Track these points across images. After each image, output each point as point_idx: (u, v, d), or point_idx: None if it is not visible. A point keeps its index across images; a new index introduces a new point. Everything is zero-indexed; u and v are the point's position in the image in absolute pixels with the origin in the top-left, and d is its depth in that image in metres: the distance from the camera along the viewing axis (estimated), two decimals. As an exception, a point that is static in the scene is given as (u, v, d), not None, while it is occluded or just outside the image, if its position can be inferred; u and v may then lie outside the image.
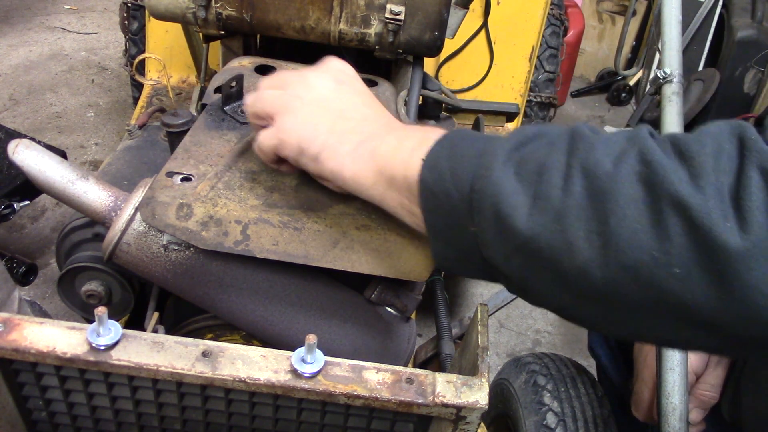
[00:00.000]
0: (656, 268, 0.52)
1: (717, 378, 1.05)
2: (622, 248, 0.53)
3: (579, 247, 0.55)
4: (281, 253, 0.80)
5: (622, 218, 0.53)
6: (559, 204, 0.56)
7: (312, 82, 0.79)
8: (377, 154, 0.71)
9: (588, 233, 0.54)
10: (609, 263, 0.54)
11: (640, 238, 0.52)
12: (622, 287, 0.54)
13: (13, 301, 1.04)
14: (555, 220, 0.56)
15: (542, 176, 0.58)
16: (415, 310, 0.91)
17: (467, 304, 2.56)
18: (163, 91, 2.21)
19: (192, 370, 0.65)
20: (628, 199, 0.53)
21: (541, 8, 2.17)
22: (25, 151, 0.83)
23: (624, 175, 0.54)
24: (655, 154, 0.54)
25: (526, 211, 0.57)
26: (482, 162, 0.61)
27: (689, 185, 0.52)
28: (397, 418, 0.73)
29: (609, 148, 0.57)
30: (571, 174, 0.56)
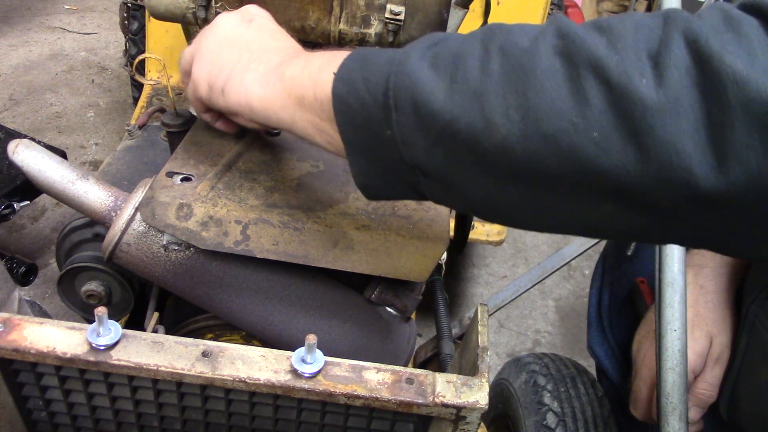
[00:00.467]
0: (575, 134, 0.51)
1: (715, 377, 1.05)
2: (541, 118, 0.52)
3: (498, 123, 0.54)
4: (281, 253, 0.80)
5: (541, 89, 0.52)
6: (477, 84, 0.55)
7: (218, 22, 0.80)
8: (285, 76, 0.70)
9: (506, 109, 0.54)
10: (528, 135, 0.53)
11: (558, 106, 0.52)
12: (542, 160, 0.53)
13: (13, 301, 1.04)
14: (473, 99, 0.55)
15: (458, 63, 0.57)
16: (415, 310, 0.91)
17: (467, 304, 2.56)
18: (163, 91, 2.21)
19: (192, 370, 0.65)
20: (545, 70, 0.53)
21: (541, 8, 2.17)
22: (25, 151, 0.83)
23: (542, 49, 0.54)
24: (572, 27, 0.54)
25: (444, 94, 0.56)
26: (395, 62, 0.60)
27: (606, 48, 0.51)
28: (397, 418, 0.73)
29: (526, 30, 0.57)
30: (489, 56, 0.56)
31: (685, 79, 0.48)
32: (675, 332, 1.03)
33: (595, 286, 1.39)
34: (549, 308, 2.62)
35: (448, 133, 0.56)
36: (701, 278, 1.09)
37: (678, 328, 1.03)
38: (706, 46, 0.48)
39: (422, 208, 0.85)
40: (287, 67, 0.71)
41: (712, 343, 1.05)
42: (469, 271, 2.72)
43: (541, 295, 2.65)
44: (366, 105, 0.61)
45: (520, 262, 2.80)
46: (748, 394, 0.99)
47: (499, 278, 2.70)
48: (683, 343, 1.02)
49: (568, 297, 2.67)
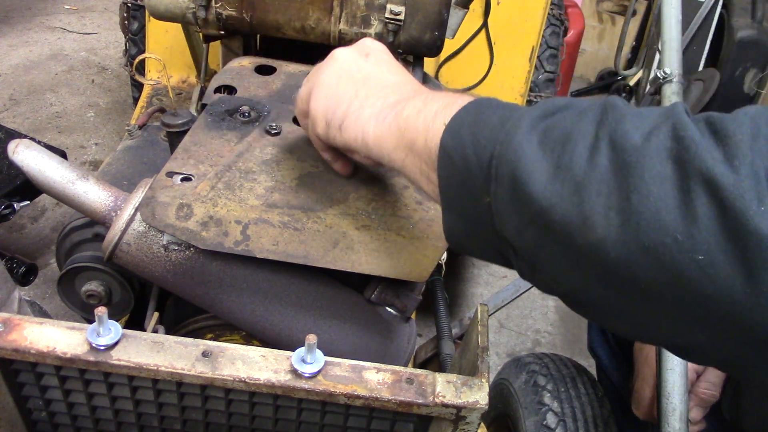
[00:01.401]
0: (678, 253, 0.47)
1: (718, 377, 1.05)
2: (642, 228, 0.49)
3: (595, 222, 0.51)
4: (281, 253, 0.80)
5: (646, 195, 0.49)
6: (581, 175, 0.52)
7: (336, 56, 0.79)
8: (401, 116, 0.69)
9: (607, 209, 0.50)
10: (626, 242, 0.49)
11: (663, 218, 0.48)
12: (637, 270, 0.50)
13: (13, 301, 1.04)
14: (574, 191, 0.52)
15: (567, 145, 0.54)
16: (415, 310, 0.91)
17: (467, 304, 2.56)
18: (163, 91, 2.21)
19: (192, 370, 0.65)
20: (654, 176, 0.49)
21: (541, 8, 2.17)
22: (25, 151, 0.83)
23: (653, 150, 0.50)
24: (689, 130, 0.50)
25: (545, 178, 0.53)
26: (506, 129, 0.58)
27: (723, 164, 0.47)
28: (397, 418, 0.73)
29: (641, 121, 0.53)
30: (598, 145, 0.53)
31: None
32: (675, 332, 1.03)
33: (595, 286, 1.39)
34: (549, 308, 2.62)
35: (542, 220, 0.54)
36: None
37: (678, 328, 1.03)
38: None
39: (422, 209, 0.85)
40: (404, 106, 0.69)
41: None
42: (469, 271, 2.72)
43: (541, 295, 2.65)
44: (469, 166, 0.59)
45: (520, 262, 2.79)
46: (750, 393, 0.99)
47: (499, 278, 2.70)
48: (683, 343, 1.02)
49: (568, 297, 2.67)
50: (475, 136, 0.60)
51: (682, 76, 1.31)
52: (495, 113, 0.61)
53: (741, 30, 3.35)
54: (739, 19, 3.40)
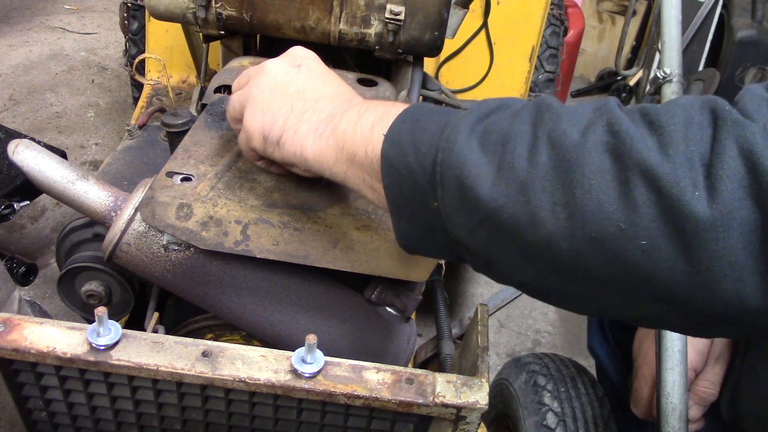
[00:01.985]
0: (622, 240, 0.50)
1: (716, 375, 1.05)
2: (588, 220, 0.51)
3: (544, 219, 0.53)
4: (281, 253, 0.80)
5: (588, 189, 0.52)
6: (524, 174, 0.54)
7: (267, 69, 0.80)
8: (337, 131, 0.70)
9: (553, 205, 0.53)
10: (575, 235, 0.52)
11: (606, 209, 0.51)
12: (587, 260, 0.53)
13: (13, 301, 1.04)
14: (520, 190, 0.54)
15: (507, 146, 0.56)
16: (415, 310, 0.91)
17: (467, 304, 2.56)
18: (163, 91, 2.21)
19: (192, 370, 0.65)
20: (594, 170, 0.52)
21: (541, 8, 2.17)
22: (25, 151, 0.83)
23: (591, 145, 0.53)
24: (623, 123, 0.53)
25: (490, 181, 0.56)
26: (445, 135, 0.59)
27: (658, 154, 0.50)
28: (397, 418, 0.73)
29: (576, 118, 0.56)
30: (537, 144, 0.55)
31: (738, 191, 0.47)
32: (674, 333, 1.03)
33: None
34: (549, 308, 2.62)
35: (492, 221, 0.56)
36: None
37: (678, 329, 1.03)
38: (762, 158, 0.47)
39: None
40: (340, 120, 0.70)
41: (714, 341, 1.05)
42: (469, 271, 2.72)
43: (541, 295, 2.65)
44: (414, 173, 0.61)
45: (520, 262, 2.79)
46: (749, 392, 0.99)
47: (499, 278, 2.70)
48: (683, 343, 1.02)
49: (568, 297, 2.67)
50: (415, 145, 0.61)
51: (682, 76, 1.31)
52: (432, 119, 0.62)
53: (741, 30, 3.35)
54: (739, 19, 3.40)
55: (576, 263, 0.53)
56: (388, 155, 0.63)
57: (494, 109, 0.61)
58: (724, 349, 1.05)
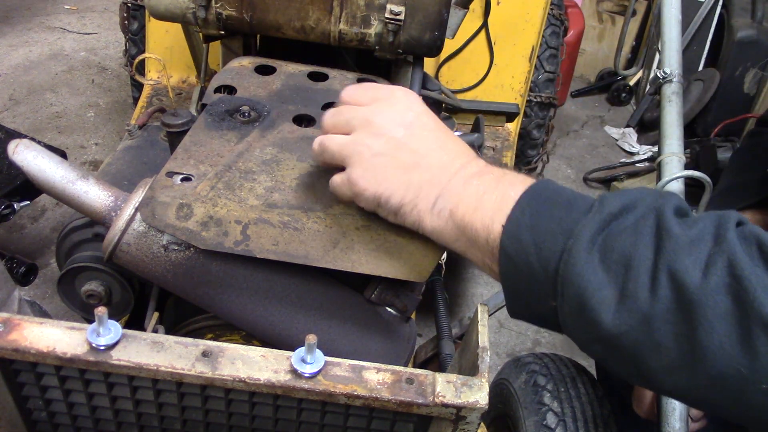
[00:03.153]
0: (744, 383, 0.53)
1: None
2: (709, 359, 0.54)
3: (667, 348, 0.56)
4: (281, 254, 0.80)
5: (710, 331, 0.54)
6: (647, 307, 0.57)
7: (378, 126, 0.75)
8: (456, 212, 0.71)
9: (676, 336, 0.56)
10: (696, 371, 0.55)
11: (727, 352, 0.53)
12: (707, 392, 0.56)
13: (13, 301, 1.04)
14: (642, 321, 0.57)
15: (629, 272, 0.58)
16: (415, 310, 0.91)
17: (467, 304, 2.56)
18: (163, 91, 2.21)
19: (192, 370, 0.65)
20: (716, 313, 0.54)
21: (541, 8, 2.17)
22: (25, 151, 0.83)
23: (713, 287, 0.55)
24: (745, 267, 0.54)
25: (612, 308, 0.58)
26: (568, 245, 0.61)
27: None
28: (397, 418, 0.73)
29: (696, 253, 0.57)
30: (659, 277, 0.57)
31: None
32: (675, 332, 1.03)
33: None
34: (549, 308, 2.62)
35: (611, 343, 0.59)
36: None
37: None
38: None
39: None
40: (458, 202, 0.71)
41: None
42: (469, 271, 2.72)
43: (541, 295, 2.65)
44: (534, 273, 0.64)
45: (520, 262, 2.79)
46: None
47: (499, 278, 2.70)
48: (683, 343, 1.02)
49: (568, 297, 2.67)
50: (536, 244, 0.63)
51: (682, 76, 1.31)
52: (552, 216, 0.64)
53: (741, 30, 3.35)
54: (739, 19, 3.40)
55: (697, 396, 0.57)
56: (508, 250, 0.65)
57: (616, 213, 0.62)
58: None
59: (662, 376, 0.58)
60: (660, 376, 0.58)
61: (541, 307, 0.65)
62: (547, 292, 0.63)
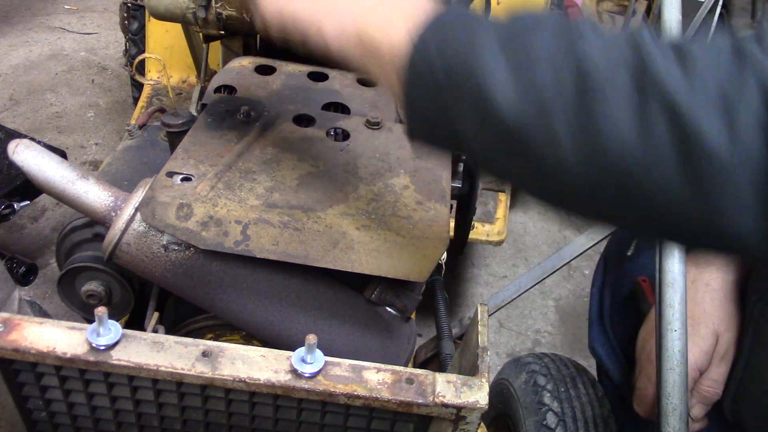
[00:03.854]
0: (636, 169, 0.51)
1: (720, 374, 1.05)
2: (604, 147, 0.51)
3: (562, 139, 0.53)
4: (281, 253, 0.80)
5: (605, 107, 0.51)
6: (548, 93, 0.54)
7: None
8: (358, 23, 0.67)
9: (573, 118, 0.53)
10: (589, 163, 0.52)
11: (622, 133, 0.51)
12: (597, 185, 0.53)
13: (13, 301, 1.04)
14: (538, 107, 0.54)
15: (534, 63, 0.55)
16: (415, 310, 0.91)
17: (467, 304, 2.56)
18: (163, 91, 2.21)
19: (192, 370, 0.65)
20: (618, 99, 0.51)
21: (540, 8, 2.17)
22: (25, 151, 0.83)
23: (613, 60, 0.52)
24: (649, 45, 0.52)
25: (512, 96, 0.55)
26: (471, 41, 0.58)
27: (682, 80, 0.49)
28: (397, 418, 0.73)
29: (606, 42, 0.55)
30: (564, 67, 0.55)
31: (755, 129, 0.47)
32: (675, 332, 1.03)
33: (596, 285, 1.39)
34: (549, 308, 2.62)
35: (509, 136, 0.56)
36: (707, 275, 1.09)
37: (678, 329, 1.03)
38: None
39: (422, 209, 0.85)
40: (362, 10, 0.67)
41: (718, 340, 1.05)
42: (469, 271, 2.72)
43: (541, 295, 2.65)
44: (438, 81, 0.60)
45: (520, 262, 2.79)
46: (752, 392, 0.99)
47: (499, 278, 2.70)
48: (683, 343, 1.02)
49: (568, 297, 2.67)
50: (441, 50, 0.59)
51: (682, 76, 1.31)
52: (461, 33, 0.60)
53: (741, 30, 3.35)
54: (739, 19, 3.40)
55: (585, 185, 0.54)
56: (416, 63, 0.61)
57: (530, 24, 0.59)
58: (729, 348, 1.05)
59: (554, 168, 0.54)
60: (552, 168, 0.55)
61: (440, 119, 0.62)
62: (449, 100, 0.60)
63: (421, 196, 0.87)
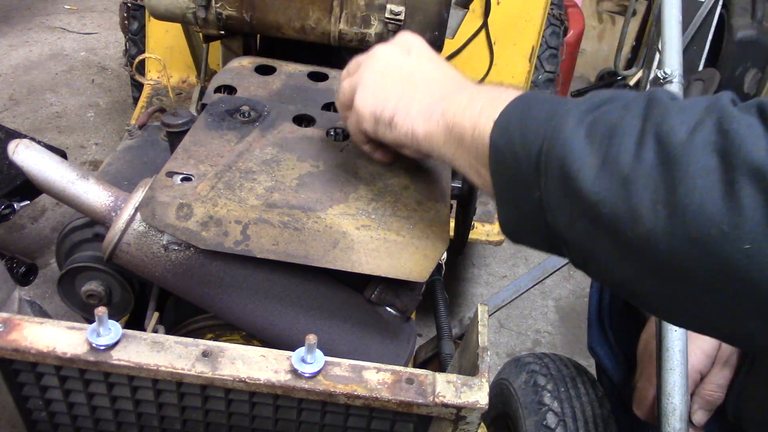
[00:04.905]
0: (725, 243, 0.48)
1: (723, 378, 1.04)
2: (689, 219, 0.49)
3: (643, 216, 0.52)
4: (281, 254, 0.80)
5: (692, 188, 0.50)
6: (628, 169, 0.53)
7: (378, 54, 0.81)
8: (447, 112, 0.71)
9: (654, 202, 0.51)
10: (674, 234, 0.50)
11: (708, 210, 0.49)
12: (686, 261, 0.51)
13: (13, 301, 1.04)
14: (622, 185, 0.53)
15: (613, 139, 0.55)
16: (415, 310, 0.91)
17: (467, 304, 2.56)
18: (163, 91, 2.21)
19: (192, 370, 0.65)
20: (699, 169, 0.50)
21: (541, 8, 2.17)
22: (25, 151, 0.83)
23: (697, 143, 0.51)
24: (734, 121, 0.50)
25: (593, 173, 0.55)
26: (553, 123, 0.59)
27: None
28: (397, 418, 0.73)
29: (686, 115, 0.54)
30: (644, 140, 0.54)
31: None
32: (675, 333, 1.03)
33: (595, 286, 1.39)
34: (549, 308, 2.62)
35: (592, 214, 0.55)
36: None
37: (678, 329, 1.03)
38: None
39: (422, 209, 0.85)
40: (450, 102, 0.72)
41: (722, 344, 1.05)
42: (469, 271, 2.72)
43: (541, 295, 2.65)
44: (519, 161, 0.61)
45: (520, 262, 2.79)
46: (756, 396, 0.98)
47: (499, 278, 2.70)
48: (684, 343, 1.02)
49: (568, 297, 2.67)
50: (523, 132, 0.61)
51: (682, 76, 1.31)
52: (542, 108, 0.62)
53: (741, 30, 3.35)
54: (739, 19, 3.40)
55: (674, 264, 0.52)
56: (496, 142, 0.63)
57: (606, 100, 0.60)
58: (732, 352, 1.04)
59: (640, 247, 0.53)
60: (638, 247, 0.53)
61: (528, 201, 0.61)
62: (531, 178, 0.60)
63: (421, 196, 0.87)
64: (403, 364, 0.90)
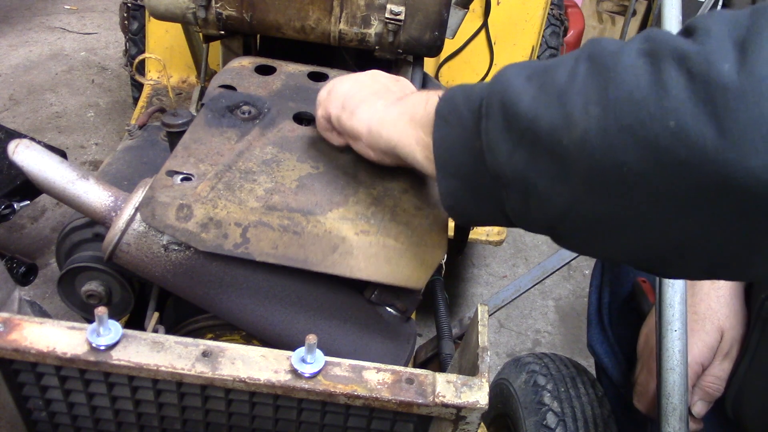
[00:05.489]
0: (653, 124, 0.51)
1: (723, 371, 1.05)
2: (619, 111, 0.53)
3: (577, 118, 0.55)
4: (280, 257, 0.80)
5: (621, 83, 0.53)
6: (563, 85, 0.57)
7: (344, 80, 0.91)
8: (406, 102, 0.79)
9: (586, 104, 0.55)
10: (607, 130, 0.53)
11: (636, 97, 0.52)
12: (621, 154, 0.53)
13: (13, 301, 1.04)
14: (557, 98, 0.57)
15: (549, 71, 0.60)
16: (415, 310, 0.91)
17: (467, 304, 2.56)
18: (163, 91, 2.21)
19: (192, 370, 0.65)
20: (627, 67, 0.54)
21: (541, 8, 2.17)
22: (25, 151, 0.83)
23: (627, 50, 0.55)
24: (660, 33, 0.55)
25: (531, 95, 0.59)
26: (493, 82, 0.64)
27: (691, 42, 0.52)
28: (397, 418, 0.73)
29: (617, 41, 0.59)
30: (578, 64, 0.58)
31: None
32: (675, 332, 1.03)
33: (594, 284, 1.39)
34: (549, 308, 2.62)
35: (530, 133, 0.58)
36: None
37: (678, 329, 1.03)
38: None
39: (421, 214, 0.85)
40: (409, 97, 0.81)
41: (723, 337, 1.05)
42: (469, 271, 2.72)
43: (541, 295, 2.65)
44: (462, 118, 0.66)
45: (520, 262, 2.80)
46: (756, 389, 0.99)
47: (499, 278, 2.70)
48: (683, 343, 1.02)
49: (568, 297, 2.68)
50: (466, 96, 0.67)
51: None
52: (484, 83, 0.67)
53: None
54: (739, 19, 3.39)
55: (610, 162, 0.53)
56: (441, 109, 0.69)
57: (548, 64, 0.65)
58: (733, 344, 1.05)
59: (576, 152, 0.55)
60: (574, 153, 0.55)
61: (469, 157, 0.65)
62: (473, 131, 0.64)
63: (420, 201, 0.87)
64: (403, 364, 0.90)
